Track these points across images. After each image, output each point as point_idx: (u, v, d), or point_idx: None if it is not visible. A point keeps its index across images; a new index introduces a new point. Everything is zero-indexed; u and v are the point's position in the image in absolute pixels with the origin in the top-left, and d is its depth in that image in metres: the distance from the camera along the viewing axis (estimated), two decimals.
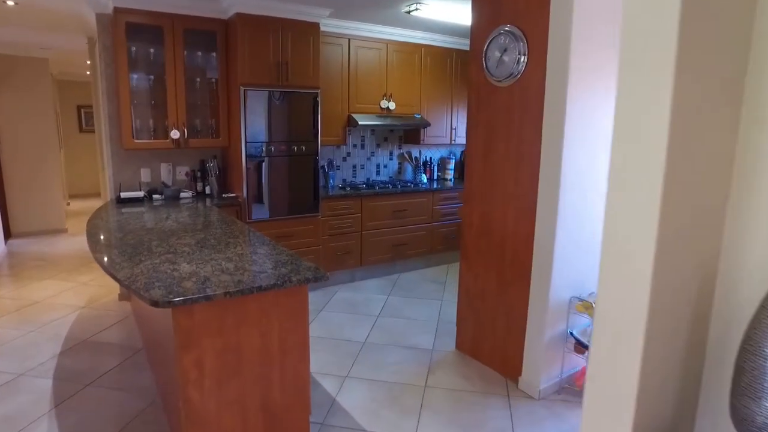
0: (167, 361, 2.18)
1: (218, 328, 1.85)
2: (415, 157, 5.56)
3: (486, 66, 2.89)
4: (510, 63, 2.73)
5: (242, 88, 3.81)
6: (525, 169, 2.73)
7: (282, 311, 1.97)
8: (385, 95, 4.87)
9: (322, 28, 4.21)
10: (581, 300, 2.69)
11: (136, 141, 3.77)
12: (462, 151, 5.93)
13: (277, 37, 3.89)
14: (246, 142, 3.89)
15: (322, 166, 4.78)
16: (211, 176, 4.11)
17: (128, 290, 1.88)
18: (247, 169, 3.93)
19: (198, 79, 4.02)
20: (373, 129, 5.24)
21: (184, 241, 2.49)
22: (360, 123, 4.59)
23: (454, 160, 5.72)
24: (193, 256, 2.20)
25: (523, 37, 2.63)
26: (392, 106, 4.91)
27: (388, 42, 4.82)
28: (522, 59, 2.66)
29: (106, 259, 2.18)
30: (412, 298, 4.36)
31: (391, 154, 5.44)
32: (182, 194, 3.97)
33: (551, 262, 2.61)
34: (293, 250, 4.13)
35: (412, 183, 5.20)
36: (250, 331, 1.92)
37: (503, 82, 2.80)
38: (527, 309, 2.79)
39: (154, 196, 3.86)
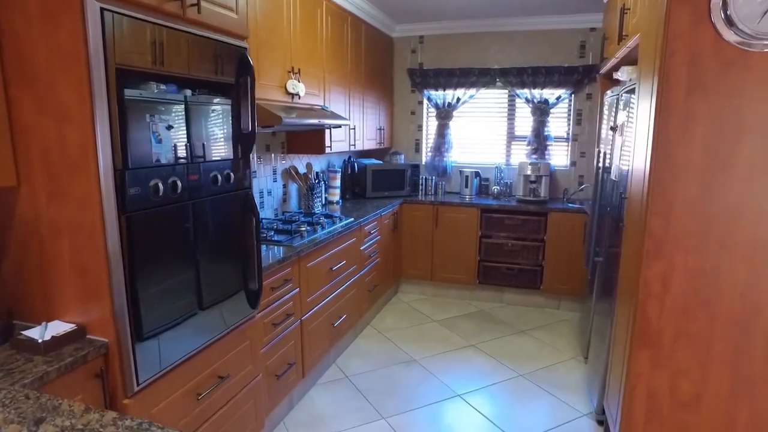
0: None
1: None
2: (303, 174, 3.58)
3: (725, 14, 1.62)
4: None
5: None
6: None
7: None
8: (291, 71, 2.80)
9: None
10: None
11: None
12: (346, 160, 4.24)
13: None
14: (115, 169, 1.34)
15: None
16: None
17: None
18: (123, 245, 1.38)
19: None
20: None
21: None
22: (286, 121, 2.43)
23: (340, 174, 3.99)
24: None
25: None
26: (302, 90, 2.87)
27: None
28: None
29: None
30: (412, 410, 2.62)
31: (274, 171, 3.31)
32: None
33: None
34: (223, 409, 1.85)
35: (328, 217, 3.26)
36: None
37: None
38: None
39: None
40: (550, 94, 4.17)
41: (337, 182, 3.95)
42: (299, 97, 2.86)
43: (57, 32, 1.29)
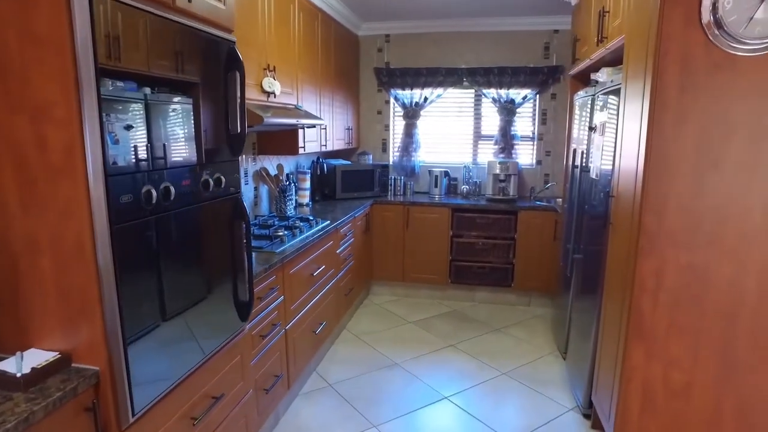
0: None
1: None
2: (275, 175, 3.44)
3: (715, 17, 1.67)
4: None
5: None
6: None
7: None
8: (267, 69, 2.66)
9: None
10: None
11: None
12: (315, 160, 4.11)
13: None
14: (106, 174, 1.20)
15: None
16: None
17: None
18: (116, 261, 1.23)
19: None
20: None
21: None
22: (266, 121, 2.30)
23: (309, 175, 3.87)
24: None
25: None
26: (277, 88, 2.74)
27: None
28: None
29: None
30: (401, 415, 2.56)
31: (245, 174, 3.15)
32: None
33: None
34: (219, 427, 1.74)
35: (304, 220, 3.14)
36: None
37: (759, 48, 1.67)
38: None
39: None
40: (516, 93, 4.25)
41: (307, 184, 3.83)
42: (275, 96, 2.73)
43: (32, 16, 1.13)
